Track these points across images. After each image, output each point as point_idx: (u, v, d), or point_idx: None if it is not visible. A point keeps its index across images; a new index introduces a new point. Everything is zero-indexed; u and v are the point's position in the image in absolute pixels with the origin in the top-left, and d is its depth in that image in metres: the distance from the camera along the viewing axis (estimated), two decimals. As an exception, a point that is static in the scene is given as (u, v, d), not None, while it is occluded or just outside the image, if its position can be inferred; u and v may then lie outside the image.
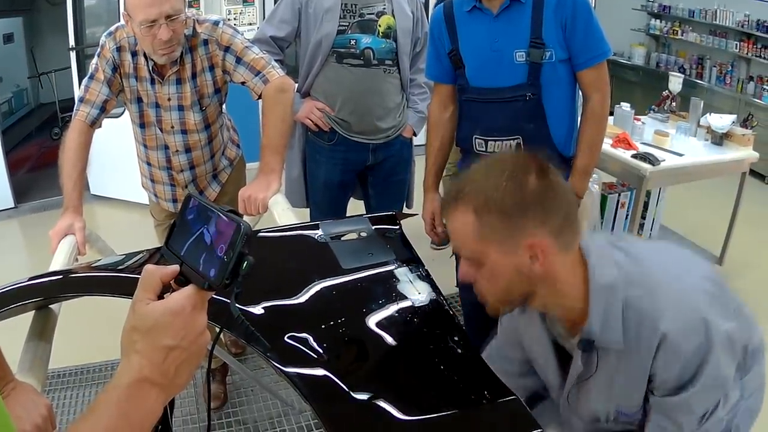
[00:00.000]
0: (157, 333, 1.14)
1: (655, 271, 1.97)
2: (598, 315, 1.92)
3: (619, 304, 1.91)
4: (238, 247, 1.13)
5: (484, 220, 1.85)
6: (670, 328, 1.85)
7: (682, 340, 1.85)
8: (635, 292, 1.91)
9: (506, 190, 1.84)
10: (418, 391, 1.75)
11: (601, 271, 1.93)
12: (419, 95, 4.28)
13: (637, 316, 1.89)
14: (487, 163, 1.98)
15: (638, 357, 1.92)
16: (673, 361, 1.87)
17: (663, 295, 1.90)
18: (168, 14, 2.98)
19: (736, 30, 9.77)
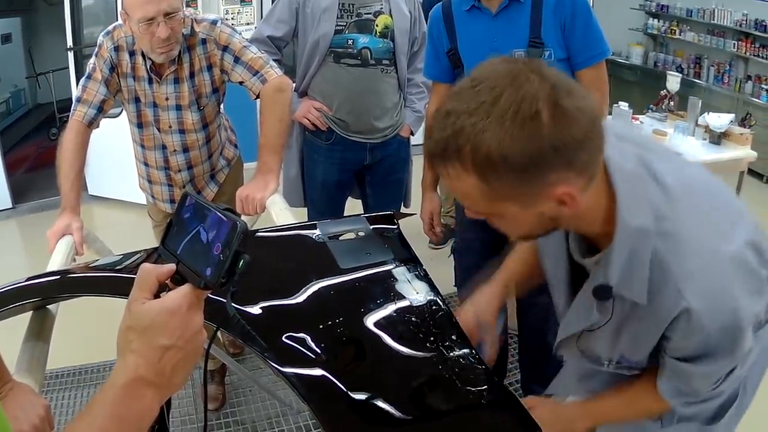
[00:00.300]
0: (153, 332, 1.14)
1: (692, 224, 1.65)
2: (621, 259, 1.64)
3: (648, 253, 1.62)
4: (234, 245, 1.13)
5: (492, 181, 1.46)
6: (695, 305, 1.59)
7: (706, 320, 1.59)
8: (665, 245, 1.61)
9: (514, 138, 1.39)
10: (416, 390, 1.75)
11: (632, 212, 1.61)
12: (417, 95, 4.29)
13: (662, 274, 1.62)
14: (476, 94, 1.44)
15: (654, 316, 1.68)
16: (693, 334, 1.64)
17: (696, 259, 1.61)
18: (166, 12, 2.97)
19: (734, 29, 9.77)
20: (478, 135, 1.40)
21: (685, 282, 1.60)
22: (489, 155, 1.40)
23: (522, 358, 4.03)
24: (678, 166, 1.78)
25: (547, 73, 1.43)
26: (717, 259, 1.62)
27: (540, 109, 1.38)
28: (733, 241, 1.65)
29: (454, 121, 1.44)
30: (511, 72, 1.43)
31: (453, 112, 1.45)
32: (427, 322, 1.91)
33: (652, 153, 1.74)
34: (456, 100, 1.46)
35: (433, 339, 1.84)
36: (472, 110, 1.41)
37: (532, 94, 1.39)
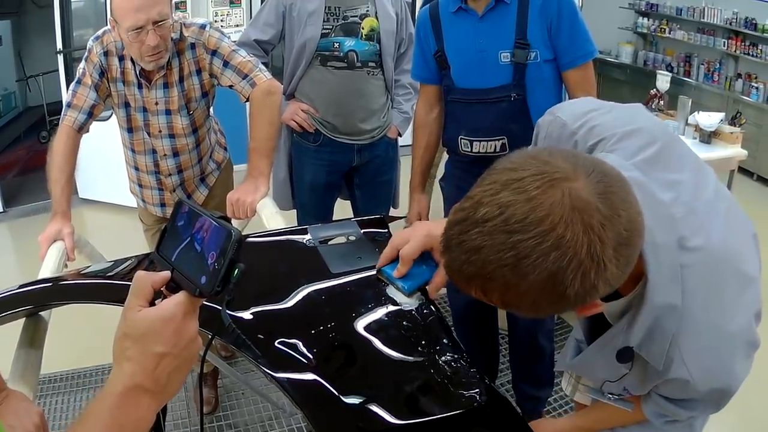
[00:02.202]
0: (148, 340, 1.14)
1: (705, 299, 1.63)
2: (645, 327, 1.65)
3: (673, 328, 1.63)
4: (228, 254, 1.13)
5: (521, 310, 1.42)
6: (694, 378, 1.67)
7: (701, 387, 1.69)
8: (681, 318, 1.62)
9: (546, 301, 1.34)
10: (408, 395, 1.75)
11: (663, 290, 1.58)
12: (404, 96, 4.31)
13: (672, 346, 1.66)
14: (513, 239, 1.28)
15: (656, 373, 1.75)
16: (686, 394, 1.79)
17: (703, 339, 1.65)
18: (155, 20, 2.97)
19: (723, 27, 9.82)
20: (511, 287, 1.33)
21: (690, 360, 1.66)
22: (519, 301, 1.37)
23: (512, 359, 4.04)
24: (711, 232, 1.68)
25: (591, 212, 1.28)
26: (723, 338, 1.66)
27: (573, 280, 1.28)
28: (739, 315, 1.67)
29: (484, 262, 1.32)
30: (550, 218, 1.27)
31: (484, 250, 1.32)
32: (418, 326, 1.91)
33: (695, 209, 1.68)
34: (486, 235, 1.31)
35: (424, 343, 1.84)
36: (509, 263, 1.29)
37: (578, 260, 1.27)
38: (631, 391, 1.97)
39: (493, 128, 3.22)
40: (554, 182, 1.30)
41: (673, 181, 1.71)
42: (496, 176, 1.35)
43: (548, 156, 1.36)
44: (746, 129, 6.13)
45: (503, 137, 3.20)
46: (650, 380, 1.82)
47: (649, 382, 1.83)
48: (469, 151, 3.30)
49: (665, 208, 1.63)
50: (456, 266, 1.40)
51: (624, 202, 1.33)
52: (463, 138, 3.30)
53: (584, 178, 1.31)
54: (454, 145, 3.38)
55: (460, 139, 3.31)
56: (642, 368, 1.80)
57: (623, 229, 1.31)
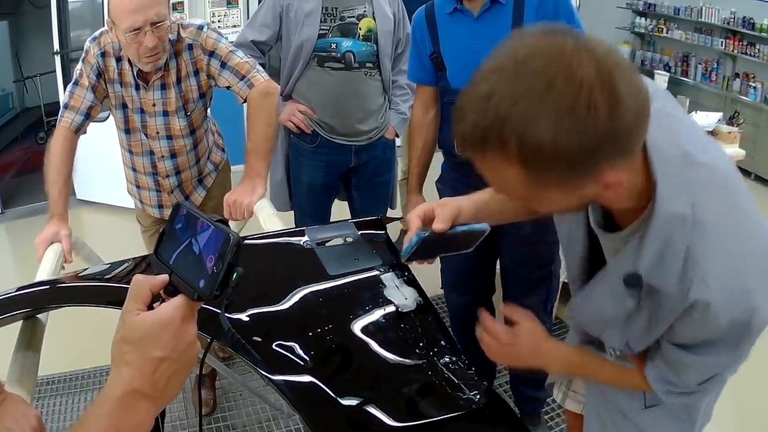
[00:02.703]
0: (147, 344, 1.14)
1: (724, 215, 1.55)
2: (655, 247, 1.53)
3: (684, 243, 1.51)
4: (227, 258, 1.13)
5: (538, 173, 1.34)
6: (716, 299, 1.50)
7: (721, 315, 1.52)
8: (697, 235, 1.51)
9: (570, 132, 1.25)
10: (405, 396, 1.75)
11: (672, 198, 1.50)
12: (401, 96, 4.30)
13: (691, 264, 1.52)
14: (522, 75, 1.28)
15: (670, 305, 1.59)
16: (703, 328, 1.58)
17: (725, 254, 1.52)
18: (153, 21, 2.97)
19: (721, 27, 9.80)
20: (528, 126, 1.26)
21: (712, 277, 1.51)
22: (539, 148, 1.27)
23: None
24: (714, 155, 1.64)
25: (597, 51, 1.28)
26: (743, 256, 1.54)
27: (597, 100, 1.24)
28: (756, 238, 1.59)
29: (497, 105, 1.28)
30: (560, 51, 1.27)
31: (495, 94, 1.28)
32: (416, 328, 1.92)
33: (694, 135, 1.64)
34: (497, 80, 1.29)
35: (422, 344, 1.85)
36: (519, 95, 1.26)
37: (588, 81, 1.24)
38: (635, 346, 1.80)
39: None
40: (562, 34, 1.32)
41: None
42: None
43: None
44: (744, 129, 6.13)
45: None
46: (662, 319, 1.64)
47: (659, 323, 1.66)
48: (463, 152, 3.28)
49: (669, 120, 1.58)
50: (469, 129, 1.36)
51: (631, 78, 1.31)
52: None
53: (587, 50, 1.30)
54: (450, 146, 3.37)
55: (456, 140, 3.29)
56: (652, 308, 1.65)
57: (631, 89, 1.30)
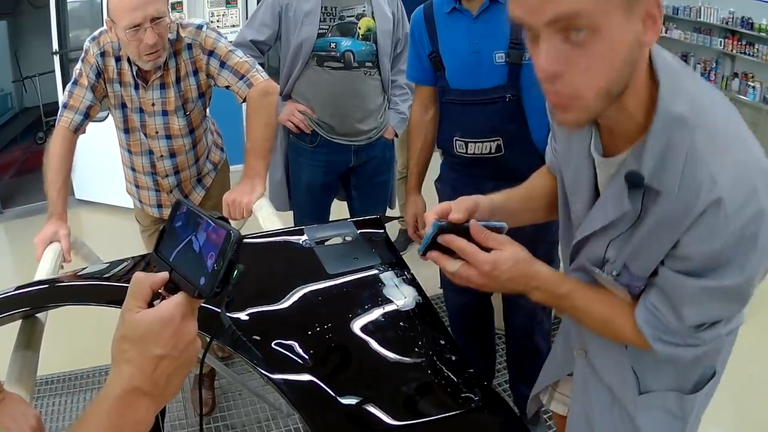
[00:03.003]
0: (147, 342, 1.13)
1: (726, 125, 1.57)
2: (657, 148, 1.53)
3: (685, 143, 1.50)
4: (228, 255, 1.13)
5: None
6: (726, 195, 1.46)
7: (732, 216, 1.47)
8: (701, 137, 1.50)
9: None
10: (405, 395, 1.75)
11: (674, 99, 1.51)
12: (400, 96, 4.30)
13: (695, 165, 1.50)
14: None
15: (677, 213, 1.54)
16: (712, 236, 1.51)
17: (730, 155, 1.51)
18: (153, 17, 2.97)
19: (720, 27, 9.82)
20: None
21: (719, 172, 1.48)
22: None
23: (509, 360, 4.03)
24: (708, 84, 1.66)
25: None
26: (749, 161, 1.51)
27: None
28: (755, 151, 1.55)
29: None
30: None
31: None
32: (415, 327, 1.92)
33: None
34: None
35: (421, 343, 1.85)
36: None
37: None
38: (635, 269, 1.70)
39: (488, 129, 3.20)
40: None
41: None
42: None
43: None
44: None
45: (498, 138, 3.19)
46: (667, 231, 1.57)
47: (663, 237, 1.59)
48: (464, 153, 3.28)
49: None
50: None
51: None
52: (458, 139, 3.28)
53: None
54: (449, 146, 3.36)
55: (455, 140, 3.29)
56: (656, 220, 1.59)
57: None
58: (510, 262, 1.75)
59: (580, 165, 1.81)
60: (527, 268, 1.80)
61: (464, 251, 1.74)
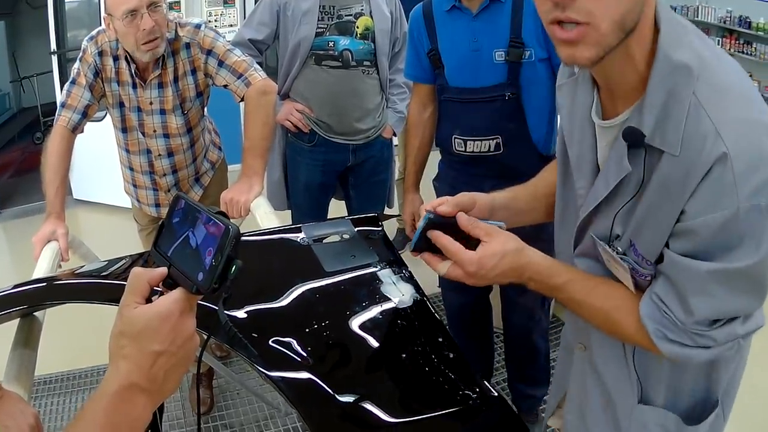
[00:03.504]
0: (145, 338, 1.13)
1: (732, 81, 1.44)
2: (658, 101, 1.42)
3: (688, 94, 1.39)
4: (226, 250, 1.12)
5: None
6: (733, 151, 1.33)
7: (742, 177, 1.33)
8: (705, 90, 1.39)
9: None
10: (403, 392, 1.76)
11: (675, 46, 1.42)
12: (398, 95, 4.30)
13: (699, 120, 1.38)
14: None
15: (681, 175, 1.41)
16: (721, 199, 1.36)
17: (736, 109, 1.38)
18: (149, 2, 3.00)
19: (718, 26, 9.83)
20: None
21: (725, 127, 1.35)
22: None
23: (508, 358, 4.03)
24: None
25: None
26: (758, 120, 1.38)
27: None
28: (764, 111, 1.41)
29: None
30: None
31: None
32: (413, 324, 1.92)
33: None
34: None
35: (419, 341, 1.85)
36: None
37: None
38: (641, 247, 1.56)
39: (487, 127, 3.19)
40: None
41: None
42: None
43: None
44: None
45: (497, 136, 3.19)
46: (667, 201, 1.45)
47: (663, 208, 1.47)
48: (462, 151, 3.27)
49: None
50: None
51: None
52: (456, 137, 3.28)
53: None
54: (447, 144, 3.36)
55: (454, 138, 3.29)
56: (660, 185, 1.46)
57: None
58: (497, 257, 1.67)
59: (583, 137, 1.70)
60: (517, 260, 1.70)
61: (448, 251, 1.68)
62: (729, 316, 1.48)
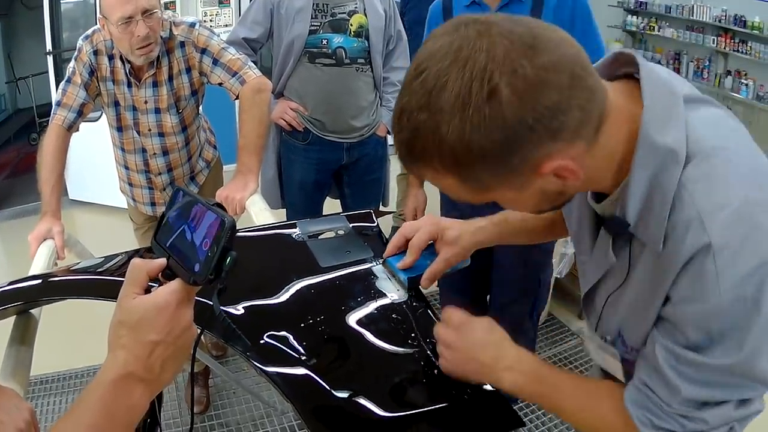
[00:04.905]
0: (142, 328, 1.15)
1: (732, 157, 1.30)
2: (641, 188, 1.31)
3: (673, 183, 1.27)
4: (222, 242, 1.14)
5: (469, 176, 1.26)
6: (717, 241, 1.22)
7: (725, 268, 1.22)
8: (693, 172, 1.27)
9: (474, 127, 1.16)
10: (399, 387, 1.75)
11: (662, 127, 1.28)
12: (393, 93, 4.28)
13: (683, 207, 1.27)
14: (422, 84, 1.20)
15: (664, 265, 1.31)
16: (701, 292, 1.25)
17: (729, 189, 1.26)
18: (144, 9, 2.99)
19: (713, 25, 9.85)
20: (435, 132, 1.19)
21: (710, 215, 1.24)
22: (453, 151, 1.19)
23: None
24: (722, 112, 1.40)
25: (499, 32, 1.17)
26: (757, 199, 1.26)
27: (496, 85, 1.14)
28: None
29: (408, 120, 1.22)
30: (454, 46, 1.18)
31: (405, 109, 1.23)
32: (408, 319, 1.92)
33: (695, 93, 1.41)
34: (406, 95, 1.23)
35: (414, 336, 1.85)
36: (422, 105, 1.19)
37: (481, 68, 1.14)
38: (627, 334, 1.50)
39: None
40: (465, 23, 1.22)
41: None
42: None
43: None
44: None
45: None
46: (649, 290, 1.36)
47: (646, 297, 1.38)
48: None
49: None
50: (396, 147, 1.30)
51: (549, 33, 1.22)
52: None
53: (500, 16, 1.22)
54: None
55: None
56: (644, 274, 1.39)
57: (553, 60, 1.17)
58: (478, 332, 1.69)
59: (581, 214, 1.61)
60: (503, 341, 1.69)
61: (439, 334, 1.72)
62: (718, 400, 1.35)
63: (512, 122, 1.15)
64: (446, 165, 1.23)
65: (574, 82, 1.18)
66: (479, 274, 3.67)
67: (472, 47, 1.16)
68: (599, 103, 1.24)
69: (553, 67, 1.16)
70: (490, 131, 1.16)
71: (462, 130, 1.16)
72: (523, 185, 1.28)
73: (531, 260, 3.57)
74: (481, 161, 1.20)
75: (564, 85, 1.17)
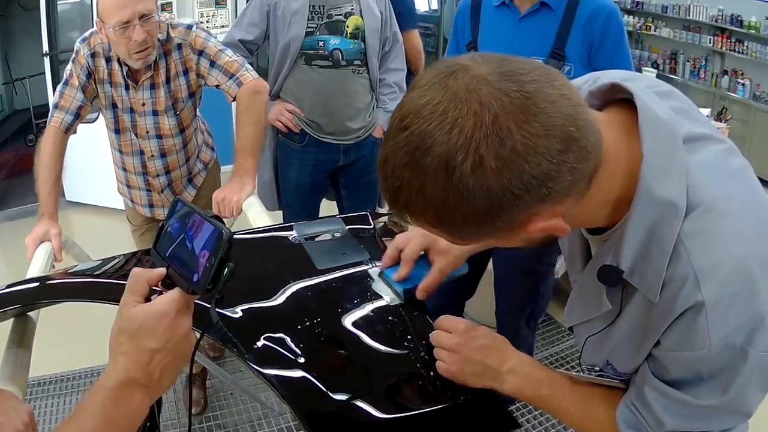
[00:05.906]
0: (142, 336, 1.18)
1: (734, 208, 1.28)
2: (637, 238, 1.29)
3: (673, 236, 1.25)
4: (219, 254, 1.18)
5: (454, 231, 1.25)
6: (709, 300, 1.23)
7: (713, 322, 1.24)
8: (692, 226, 1.26)
9: (457, 196, 1.14)
10: (394, 389, 1.76)
11: (662, 179, 1.26)
12: (389, 95, 4.31)
13: (679, 262, 1.26)
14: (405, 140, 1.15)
15: (656, 316, 1.33)
16: (690, 343, 1.28)
17: (728, 245, 1.25)
18: (141, 14, 2.98)
19: (709, 24, 9.85)
20: (419, 192, 1.16)
21: (705, 274, 1.24)
22: (437, 211, 1.18)
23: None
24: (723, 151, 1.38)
25: (489, 92, 1.13)
26: (755, 255, 1.25)
27: (482, 156, 1.10)
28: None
29: (392, 173, 1.19)
30: (440, 108, 1.13)
31: (389, 161, 1.19)
32: (404, 321, 1.92)
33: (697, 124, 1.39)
34: (391, 145, 1.19)
35: (410, 338, 1.85)
36: (406, 162, 1.16)
37: (467, 137, 1.10)
38: (618, 366, 1.51)
39: None
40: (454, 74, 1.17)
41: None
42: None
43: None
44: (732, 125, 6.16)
45: None
46: (647, 332, 1.36)
47: (644, 338, 1.38)
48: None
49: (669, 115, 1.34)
50: (382, 189, 1.26)
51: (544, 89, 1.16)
52: None
53: (492, 66, 1.20)
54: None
55: None
56: (636, 318, 1.39)
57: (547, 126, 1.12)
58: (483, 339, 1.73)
59: (573, 238, 1.61)
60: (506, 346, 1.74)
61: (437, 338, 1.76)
62: (703, 431, 1.40)
63: (497, 192, 1.13)
64: (430, 220, 1.23)
65: (568, 145, 1.14)
66: (466, 281, 3.68)
67: (459, 110, 1.11)
68: (594, 159, 1.20)
69: (546, 132, 1.12)
70: (474, 199, 1.14)
71: (445, 195, 1.14)
72: (510, 237, 1.27)
73: (531, 271, 3.57)
74: (464, 224, 1.19)
75: (555, 151, 1.13)
